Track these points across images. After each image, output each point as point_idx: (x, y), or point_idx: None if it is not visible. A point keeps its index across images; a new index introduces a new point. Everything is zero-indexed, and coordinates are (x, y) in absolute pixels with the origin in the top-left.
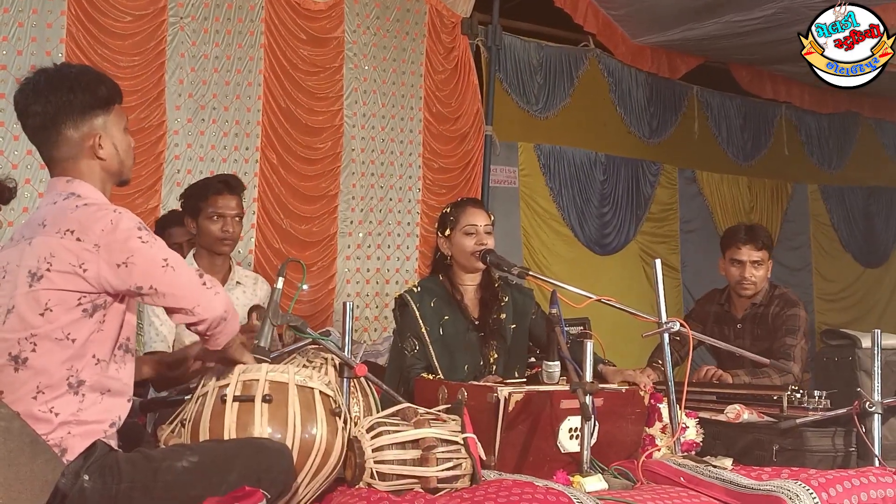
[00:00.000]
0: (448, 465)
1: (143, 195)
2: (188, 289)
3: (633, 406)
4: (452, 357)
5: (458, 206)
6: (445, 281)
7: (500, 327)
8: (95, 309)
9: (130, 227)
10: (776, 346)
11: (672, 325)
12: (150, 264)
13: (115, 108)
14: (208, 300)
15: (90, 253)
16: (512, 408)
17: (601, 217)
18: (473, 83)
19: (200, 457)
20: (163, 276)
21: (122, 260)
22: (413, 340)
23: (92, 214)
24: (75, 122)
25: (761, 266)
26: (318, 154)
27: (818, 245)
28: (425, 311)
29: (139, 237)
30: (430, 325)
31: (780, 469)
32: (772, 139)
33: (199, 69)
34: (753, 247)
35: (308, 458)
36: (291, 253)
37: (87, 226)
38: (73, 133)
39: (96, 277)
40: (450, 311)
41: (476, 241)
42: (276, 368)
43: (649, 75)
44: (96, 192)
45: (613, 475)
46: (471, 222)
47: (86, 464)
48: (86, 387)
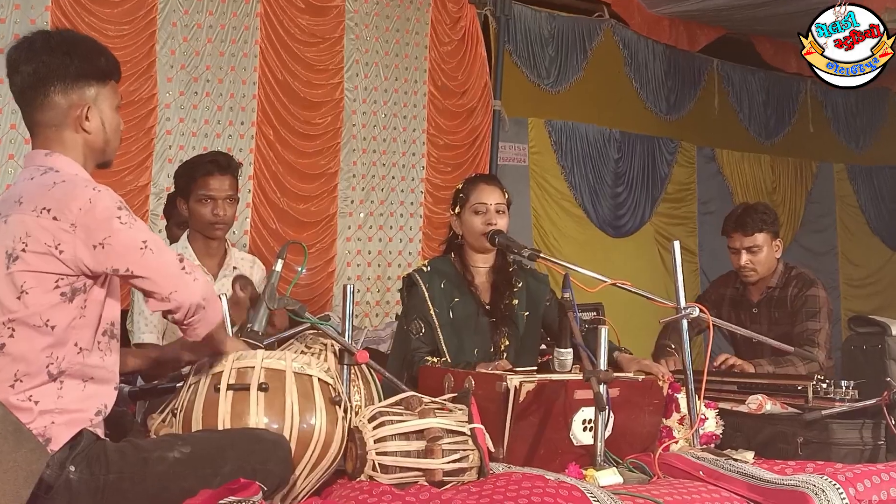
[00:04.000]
0: (454, 457)
1: (133, 172)
2: (166, 273)
3: (650, 397)
4: (461, 341)
5: (470, 182)
6: (457, 261)
7: (511, 314)
8: (75, 293)
9: (110, 206)
10: (797, 332)
11: (691, 311)
12: (128, 246)
13: (110, 83)
14: (186, 286)
15: (66, 233)
16: (523, 398)
17: (615, 197)
18: (481, 55)
19: (193, 447)
20: (140, 258)
21: (99, 241)
22: (419, 322)
23: (70, 192)
24: (66, 87)
25: (759, 251)
26: (317, 129)
27: (844, 228)
28: (435, 292)
29: (118, 217)
30: (439, 308)
31: (805, 463)
32: (796, 116)
33: (191, 39)
34: (742, 233)
35: (306, 450)
36: (288, 234)
37: (65, 204)
38: (60, 98)
39: (73, 259)
40: (460, 294)
41: (484, 221)
42: (273, 355)
43: (667, 47)
44: (76, 166)
45: (629, 469)
46: (480, 200)
47: (72, 454)
48: (66, 375)
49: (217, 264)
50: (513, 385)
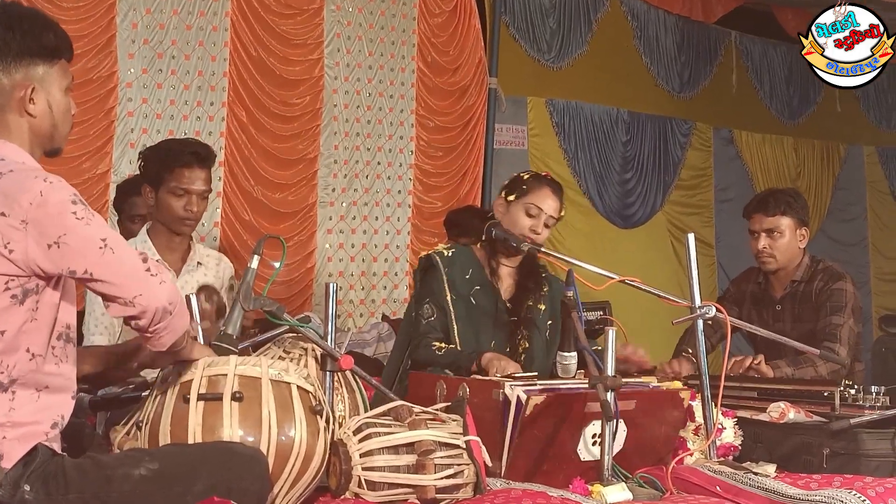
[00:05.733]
0: (448, 472)
1: (91, 158)
2: (128, 275)
3: (671, 409)
4: (478, 335)
5: (538, 179)
6: (485, 249)
7: (534, 317)
8: (26, 295)
9: (63, 199)
10: (820, 327)
11: (707, 311)
12: (86, 245)
13: (59, 62)
14: (151, 289)
15: (17, 230)
16: (529, 412)
17: (623, 184)
18: (475, 28)
19: (161, 463)
20: (100, 258)
21: (53, 239)
22: (432, 307)
23: (19, 184)
24: (7, 65)
25: (781, 235)
26: (295, 110)
27: (875, 216)
28: (455, 277)
29: (73, 212)
30: (456, 294)
31: (832, 477)
32: (822, 93)
33: (155, 11)
34: (763, 213)
35: (286, 465)
36: (263, 226)
37: (14, 198)
38: (2, 78)
39: (24, 259)
40: (482, 285)
41: (532, 226)
42: (247, 361)
43: (680, 18)
44: (24, 153)
45: (639, 484)
46: (539, 203)
47: (26, 471)
48: (18, 384)
49: (180, 259)
50: (515, 396)
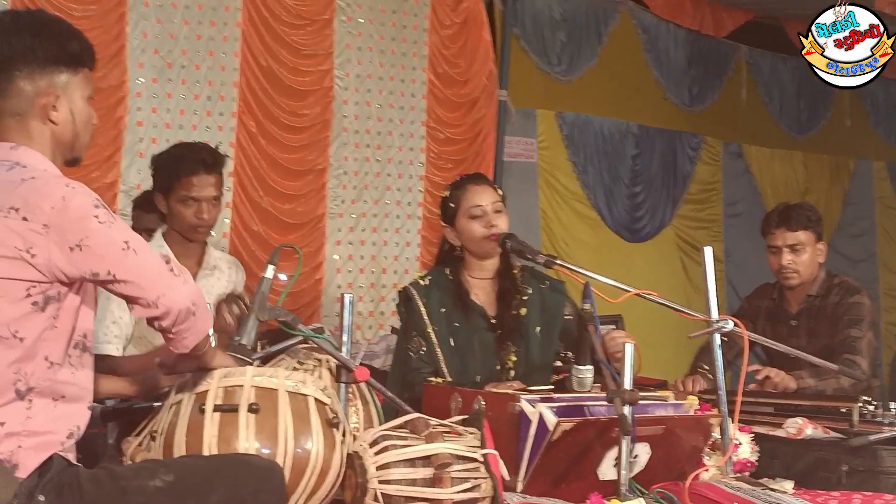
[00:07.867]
0: (465, 485)
1: (100, 168)
2: (152, 276)
3: (697, 433)
4: (464, 361)
5: (457, 187)
6: (454, 274)
7: (519, 326)
8: (48, 302)
9: (85, 203)
10: (838, 340)
11: (724, 325)
12: (108, 247)
13: (83, 71)
14: (174, 289)
15: (39, 235)
16: (557, 437)
17: (632, 198)
18: (486, 40)
19: (176, 475)
20: (123, 260)
21: (75, 242)
22: (419, 340)
23: (40, 189)
24: (32, 72)
25: (803, 250)
26: (305, 121)
27: (885, 232)
28: (433, 307)
29: (95, 216)
30: (437, 325)
31: (851, 494)
32: (832, 109)
33: (165, 20)
34: (787, 228)
35: (302, 477)
36: (272, 237)
37: (35, 203)
38: (27, 85)
39: (46, 264)
40: (462, 308)
41: (485, 224)
42: (264, 372)
43: (690, 32)
44: (45, 160)
45: (655, 499)
46: (475, 203)
47: (41, 482)
48: (35, 393)
49: (195, 264)
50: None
